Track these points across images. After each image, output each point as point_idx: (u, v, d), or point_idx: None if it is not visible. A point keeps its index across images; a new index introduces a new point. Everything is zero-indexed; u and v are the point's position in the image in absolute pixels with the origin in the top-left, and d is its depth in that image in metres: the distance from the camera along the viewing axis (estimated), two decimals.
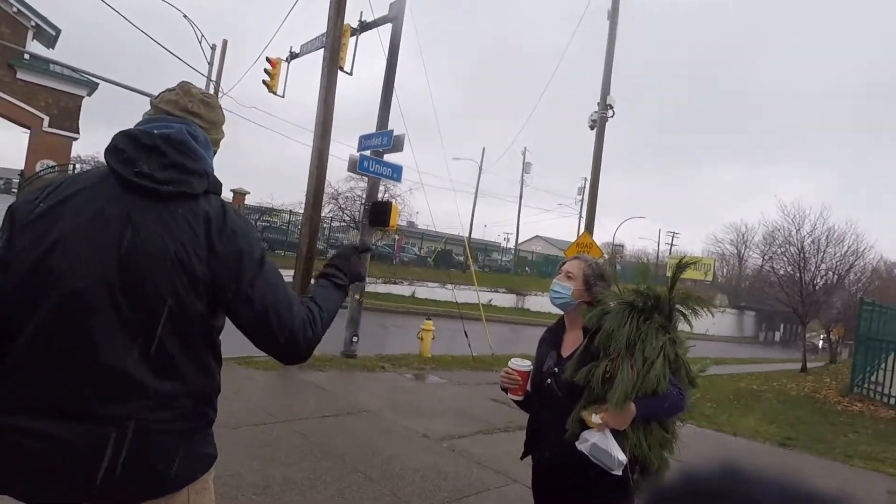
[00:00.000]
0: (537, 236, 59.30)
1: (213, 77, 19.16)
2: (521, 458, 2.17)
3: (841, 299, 17.47)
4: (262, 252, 1.30)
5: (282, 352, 1.31)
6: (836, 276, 17.51)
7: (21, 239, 1.18)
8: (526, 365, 2.09)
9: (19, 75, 16.69)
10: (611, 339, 1.82)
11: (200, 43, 18.16)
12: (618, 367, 1.78)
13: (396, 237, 29.29)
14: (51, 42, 18.45)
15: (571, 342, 2.02)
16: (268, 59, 12.14)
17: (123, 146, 1.22)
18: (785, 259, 17.98)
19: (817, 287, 16.92)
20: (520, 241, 47.22)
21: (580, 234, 12.23)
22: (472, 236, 41.33)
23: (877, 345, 11.11)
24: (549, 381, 2.00)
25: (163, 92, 1.37)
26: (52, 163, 17.30)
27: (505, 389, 2.12)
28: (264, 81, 12.03)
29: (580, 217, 36.63)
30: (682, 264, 2.08)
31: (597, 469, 1.78)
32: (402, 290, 25.40)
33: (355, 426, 5.02)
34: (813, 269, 17.04)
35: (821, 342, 39.73)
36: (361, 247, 1.63)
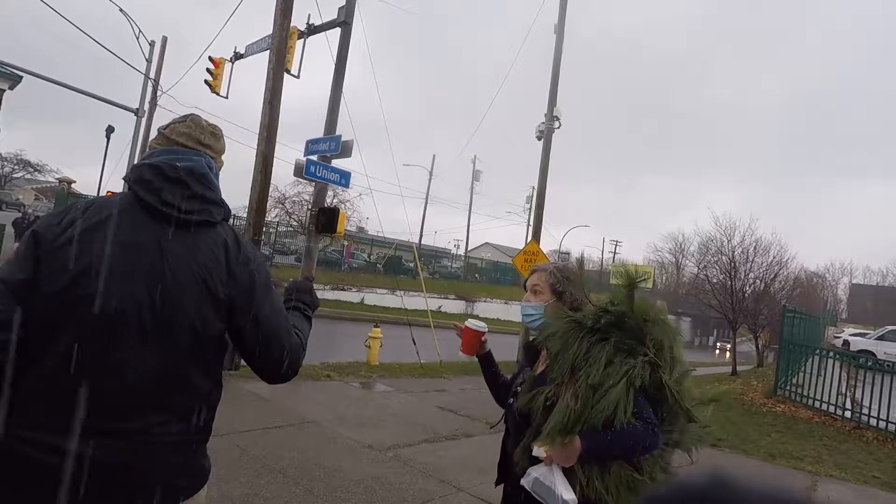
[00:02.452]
0: (487, 243, 60.03)
1: (152, 75, 18.30)
2: (495, 486, 1.95)
3: (767, 306, 18.60)
4: (268, 277, 1.40)
5: (276, 372, 1.41)
6: (763, 285, 18.68)
7: (49, 262, 1.20)
8: (479, 325, 2.01)
9: None
10: (556, 362, 1.65)
11: (138, 38, 17.30)
12: (560, 394, 1.59)
13: (345, 243, 28.87)
14: None
15: (544, 359, 1.83)
16: (210, 59, 11.73)
17: (150, 177, 1.29)
18: (717, 268, 19.03)
19: (746, 294, 17.99)
20: (470, 248, 47.63)
21: (528, 242, 12.48)
22: (423, 243, 41.33)
23: (798, 349, 11.91)
24: (511, 400, 1.83)
25: (173, 122, 1.45)
26: None
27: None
28: (206, 81, 11.60)
29: (528, 225, 37.36)
30: (633, 283, 1.72)
31: None
32: (351, 296, 25.04)
33: (298, 438, 4.88)
34: (742, 277, 18.11)
35: (718, 345, 42.70)
36: (312, 279, 1.78)
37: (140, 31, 17.18)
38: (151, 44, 18.53)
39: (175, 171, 1.31)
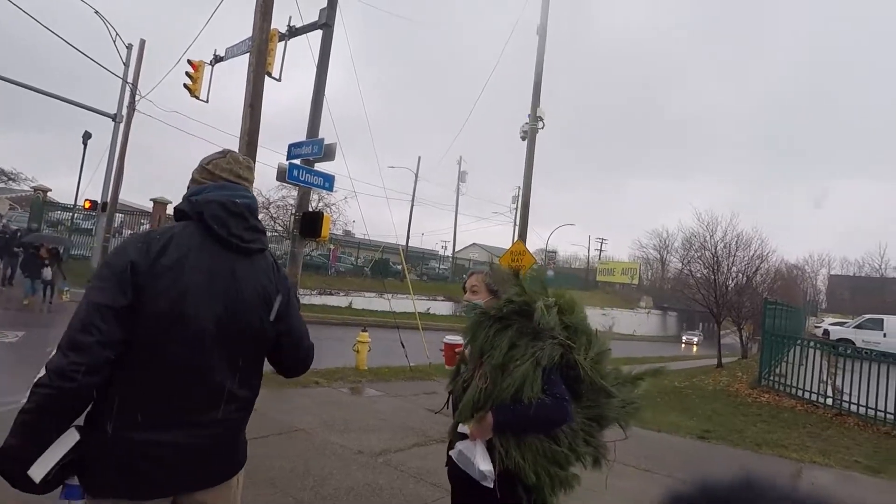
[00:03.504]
0: (474, 244, 60.08)
1: (130, 79, 18.00)
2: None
3: (750, 299, 18.90)
4: (293, 290, 1.76)
5: (299, 367, 1.79)
6: (745, 278, 19.00)
7: (151, 289, 1.42)
8: (454, 339, 2.26)
9: None
10: (469, 350, 1.92)
11: (115, 42, 17.01)
12: (474, 377, 1.84)
13: (332, 247, 28.70)
14: None
15: None
16: (189, 62, 11.58)
17: (219, 213, 1.55)
18: (701, 262, 19.30)
19: (729, 288, 18.27)
20: (457, 249, 47.62)
21: (514, 241, 12.53)
22: (410, 245, 41.22)
23: (780, 340, 12.12)
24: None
25: (214, 158, 1.69)
26: None
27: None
28: (186, 85, 11.45)
29: (514, 225, 37.50)
30: (516, 272, 2.01)
31: (473, 482, 1.78)
32: (339, 300, 24.89)
33: (286, 447, 4.83)
34: (725, 271, 18.39)
35: (684, 339, 43.05)
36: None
37: (117, 34, 16.92)
38: (129, 47, 18.24)
39: (237, 207, 1.58)
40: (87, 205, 18.87)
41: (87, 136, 23.50)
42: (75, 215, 22.99)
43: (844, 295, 58.40)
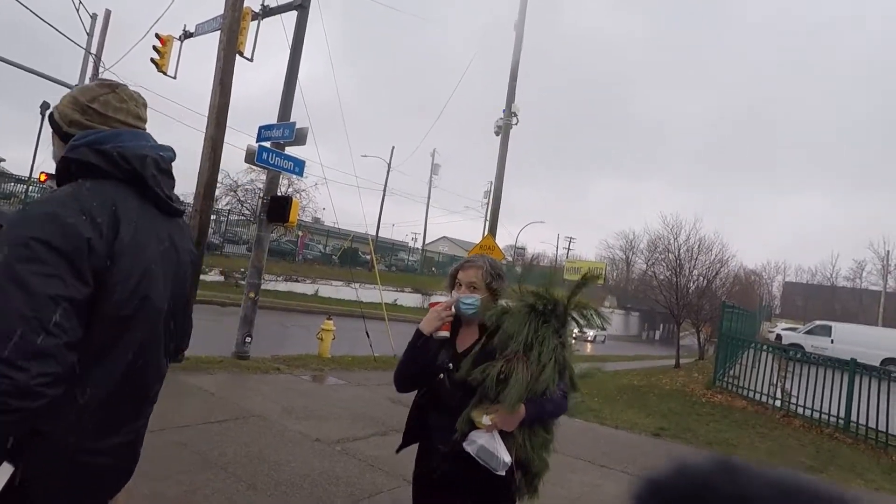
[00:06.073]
0: (444, 237, 60.20)
1: (94, 50, 17.25)
2: (397, 451, 2.15)
3: (709, 302, 19.49)
4: None
5: (186, 342, 1.57)
6: (705, 281, 19.59)
7: (114, 271, 1.17)
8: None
9: None
10: (510, 339, 1.83)
11: (78, 10, 16.22)
12: (513, 368, 1.78)
13: (300, 233, 28.26)
14: None
15: (468, 337, 2.00)
16: (157, 36, 11.15)
17: (154, 171, 1.31)
18: (664, 264, 19.83)
19: (690, 290, 18.81)
20: (427, 242, 47.58)
21: (484, 236, 12.55)
22: (380, 235, 40.93)
23: (735, 343, 12.55)
24: (441, 375, 1.95)
25: (100, 94, 1.31)
26: None
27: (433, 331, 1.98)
28: (153, 60, 11.03)
29: (485, 220, 37.63)
30: (587, 277, 2.05)
31: (482, 470, 1.78)
32: (305, 288, 24.56)
33: (243, 433, 4.73)
34: (687, 273, 18.93)
35: (591, 337, 41.99)
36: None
37: (80, 2, 16.13)
38: (93, 17, 17.45)
39: (166, 164, 1.35)
40: (43, 178, 17.99)
41: (45, 106, 22.46)
42: (30, 188, 21.97)
43: (797, 301, 60.90)
